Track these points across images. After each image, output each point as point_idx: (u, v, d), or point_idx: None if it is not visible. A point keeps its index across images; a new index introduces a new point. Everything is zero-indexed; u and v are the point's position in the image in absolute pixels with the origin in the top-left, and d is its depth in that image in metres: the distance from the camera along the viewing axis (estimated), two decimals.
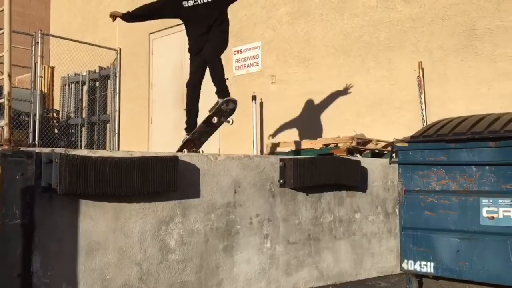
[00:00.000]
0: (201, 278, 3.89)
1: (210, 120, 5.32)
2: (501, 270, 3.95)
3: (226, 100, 5.17)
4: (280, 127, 7.82)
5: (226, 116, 5.31)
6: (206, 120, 5.35)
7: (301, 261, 4.59)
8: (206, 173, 4.01)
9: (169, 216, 3.77)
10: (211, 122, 5.33)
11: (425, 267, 4.36)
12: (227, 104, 5.19)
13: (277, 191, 4.48)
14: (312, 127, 7.37)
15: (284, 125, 7.74)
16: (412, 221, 4.49)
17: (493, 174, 4.07)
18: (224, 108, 5.17)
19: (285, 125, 7.74)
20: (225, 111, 5.26)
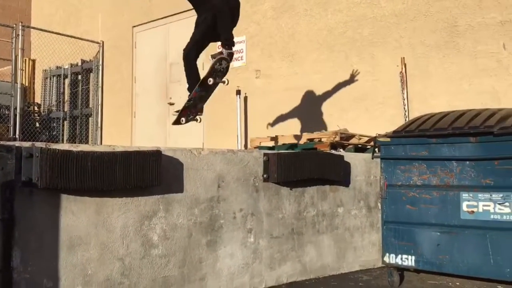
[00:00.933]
0: (184, 273, 3.89)
1: (205, 81, 5.18)
2: (480, 263, 4.02)
3: (219, 59, 5.10)
4: (264, 122, 7.82)
5: (220, 76, 5.23)
6: (201, 83, 5.25)
7: (285, 255, 4.62)
8: (189, 168, 4.00)
9: (152, 211, 3.75)
10: (207, 84, 5.19)
11: (407, 261, 4.42)
12: (220, 63, 5.10)
13: (261, 185, 4.49)
14: (296, 121, 7.40)
15: (268, 120, 7.74)
16: (394, 215, 4.54)
17: (473, 169, 4.14)
18: (218, 67, 5.08)
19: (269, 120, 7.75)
20: (219, 71, 5.16)
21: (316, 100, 7.39)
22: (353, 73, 6.94)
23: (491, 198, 4.01)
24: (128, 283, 3.56)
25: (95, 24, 10.84)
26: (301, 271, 4.72)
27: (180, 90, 9.12)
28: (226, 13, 5.11)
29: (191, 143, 5.94)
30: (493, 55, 5.90)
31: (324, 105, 7.29)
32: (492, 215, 4.00)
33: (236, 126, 7.61)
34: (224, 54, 5.16)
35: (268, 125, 7.63)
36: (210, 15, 5.17)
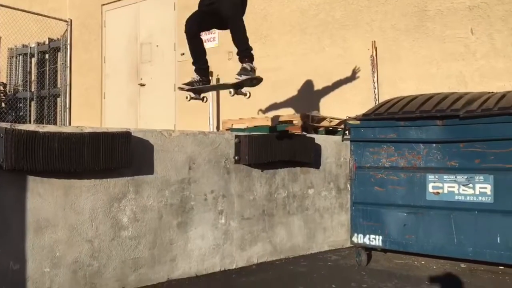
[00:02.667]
0: (155, 254, 3.89)
1: (225, 88, 4.60)
2: (444, 243, 4.16)
3: (251, 79, 4.21)
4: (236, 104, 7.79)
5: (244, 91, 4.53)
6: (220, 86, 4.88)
7: (255, 236, 4.67)
8: (160, 149, 3.97)
9: (122, 193, 3.71)
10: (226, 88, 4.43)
11: (374, 241, 4.54)
12: (251, 81, 4.26)
13: (232, 167, 4.49)
14: (268, 104, 7.40)
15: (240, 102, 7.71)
16: (362, 196, 4.63)
17: (439, 151, 4.24)
18: (247, 85, 4.25)
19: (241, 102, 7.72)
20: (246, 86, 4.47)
21: (288, 83, 7.40)
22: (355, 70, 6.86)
23: (456, 180, 4.13)
24: (98, 265, 3.54)
25: (62, 1, 10.51)
26: (271, 252, 4.78)
27: (152, 71, 9.00)
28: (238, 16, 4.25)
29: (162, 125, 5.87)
30: (460, 40, 6.01)
31: (296, 88, 7.31)
32: (456, 196, 4.12)
33: (208, 108, 7.57)
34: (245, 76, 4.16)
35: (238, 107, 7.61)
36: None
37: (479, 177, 4.00)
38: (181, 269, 4.05)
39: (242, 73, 4.03)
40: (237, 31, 4.21)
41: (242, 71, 4.06)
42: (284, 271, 4.39)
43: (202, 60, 4.42)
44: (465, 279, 4.06)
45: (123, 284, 3.67)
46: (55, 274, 3.34)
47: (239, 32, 4.20)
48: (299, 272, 4.34)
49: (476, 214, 4.01)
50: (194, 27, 4.35)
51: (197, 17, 4.36)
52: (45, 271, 3.30)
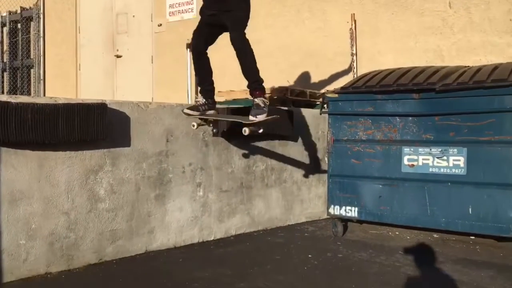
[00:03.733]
0: (133, 226, 3.88)
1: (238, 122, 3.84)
2: (418, 214, 4.25)
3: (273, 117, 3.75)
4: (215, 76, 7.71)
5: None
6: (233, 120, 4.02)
7: (233, 208, 4.70)
8: (137, 122, 3.92)
9: (98, 165, 3.68)
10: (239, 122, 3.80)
11: (350, 212, 4.61)
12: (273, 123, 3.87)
13: (210, 140, 4.48)
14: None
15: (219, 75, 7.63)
16: (339, 169, 4.69)
17: (415, 124, 4.30)
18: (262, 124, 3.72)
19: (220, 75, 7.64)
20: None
21: (267, 55, 7.33)
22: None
23: (431, 152, 4.20)
24: (74, 237, 3.53)
25: None
26: (249, 223, 4.83)
27: (128, 42, 8.81)
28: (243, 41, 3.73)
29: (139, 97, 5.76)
30: (439, 14, 6.03)
31: (275, 61, 7.26)
32: (430, 168, 4.20)
33: (186, 81, 7.47)
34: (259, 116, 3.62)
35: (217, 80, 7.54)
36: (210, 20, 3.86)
37: (453, 149, 4.08)
38: (159, 241, 4.07)
39: (258, 112, 3.55)
40: (245, 57, 3.73)
41: (256, 109, 3.58)
42: (262, 242, 4.44)
43: (209, 81, 3.98)
44: (437, 248, 4.18)
45: (100, 256, 3.67)
46: (31, 246, 3.31)
47: (247, 59, 3.73)
48: (276, 243, 4.41)
49: (449, 186, 4.10)
50: (201, 45, 3.88)
51: (203, 33, 3.87)
52: (21, 243, 3.27)
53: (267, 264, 3.73)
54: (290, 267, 3.68)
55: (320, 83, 6.57)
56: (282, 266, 3.70)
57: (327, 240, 4.51)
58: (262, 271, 3.57)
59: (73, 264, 3.52)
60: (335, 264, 3.78)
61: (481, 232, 4.02)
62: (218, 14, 3.76)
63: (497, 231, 3.89)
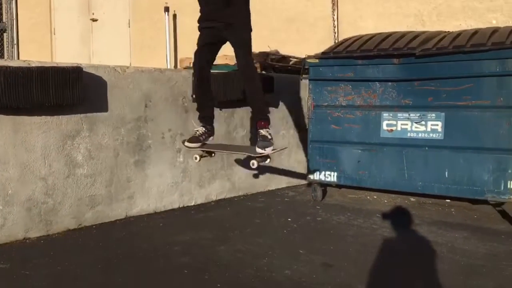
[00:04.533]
0: (112, 192, 3.86)
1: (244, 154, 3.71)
2: (395, 178, 4.32)
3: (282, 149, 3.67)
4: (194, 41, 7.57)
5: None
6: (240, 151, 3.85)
7: (214, 174, 4.70)
8: (114, 86, 3.85)
9: (75, 130, 3.61)
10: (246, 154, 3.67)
11: (329, 177, 4.67)
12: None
13: (190, 106, 4.43)
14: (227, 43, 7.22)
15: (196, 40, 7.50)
16: (319, 135, 4.71)
17: (394, 90, 4.31)
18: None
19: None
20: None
21: None
22: None
23: (409, 117, 4.24)
24: (53, 203, 3.50)
25: None
26: (230, 189, 4.85)
27: (105, 5, 8.54)
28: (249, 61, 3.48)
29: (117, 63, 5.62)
30: None
31: (256, 26, 7.13)
32: (409, 133, 4.25)
33: (165, 46, 7.32)
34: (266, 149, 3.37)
35: None
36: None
37: (431, 114, 4.12)
38: (139, 206, 4.06)
39: (265, 144, 3.33)
40: (252, 84, 3.48)
41: (263, 141, 3.36)
42: (242, 207, 4.48)
43: (210, 106, 3.69)
44: (413, 211, 4.28)
45: (80, 221, 3.66)
46: (8, 211, 3.27)
47: (254, 87, 3.47)
48: (257, 207, 4.45)
49: (427, 150, 4.16)
50: (206, 69, 3.57)
51: (205, 54, 3.54)
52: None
53: (247, 228, 3.77)
54: (270, 230, 3.72)
55: (301, 48, 6.50)
56: (261, 230, 3.75)
57: (306, 204, 4.56)
58: (242, 235, 3.61)
59: (52, 229, 3.50)
60: (314, 227, 3.84)
61: (456, 195, 4.11)
62: (219, 27, 3.40)
63: (472, 194, 3.99)
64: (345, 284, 2.72)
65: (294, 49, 6.47)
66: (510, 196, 3.81)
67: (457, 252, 3.23)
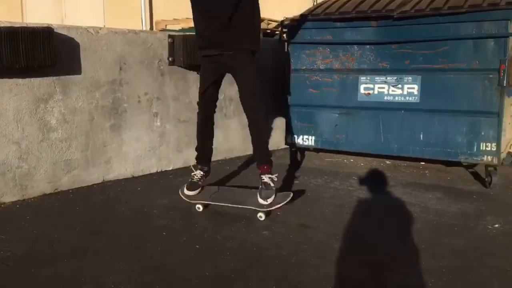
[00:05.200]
0: (88, 156, 3.82)
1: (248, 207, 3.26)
2: (372, 141, 4.38)
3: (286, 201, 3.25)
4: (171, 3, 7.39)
5: None
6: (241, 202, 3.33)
7: (192, 139, 4.64)
8: (87, 48, 3.74)
9: (48, 93, 3.53)
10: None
11: (307, 141, 4.70)
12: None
13: (166, 69, 4.36)
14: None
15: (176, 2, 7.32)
16: (297, 99, 4.70)
17: (372, 53, 4.31)
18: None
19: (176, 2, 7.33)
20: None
21: None
22: None
23: (386, 81, 4.26)
24: (27, 167, 3.44)
25: None
26: None
27: None
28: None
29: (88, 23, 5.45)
30: None
31: None
32: (385, 96, 4.28)
33: (140, 8, 7.14)
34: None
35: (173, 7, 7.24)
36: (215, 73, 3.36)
37: (408, 77, 4.15)
38: (116, 171, 4.03)
39: (268, 194, 3.15)
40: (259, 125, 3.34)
41: (265, 189, 3.18)
42: (221, 171, 4.48)
43: (210, 148, 3.56)
44: (389, 173, 4.35)
45: (56, 185, 3.62)
46: None
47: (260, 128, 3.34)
48: (235, 171, 4.46)
49: (403, 114, 4.21)
50: (212, 109, 3.45)
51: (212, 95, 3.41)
52: None
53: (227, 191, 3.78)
54: (248, 192, 3.74)
55: (280, 11, 6.41)
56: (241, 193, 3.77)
57: (284, 168, 4.59)
58: None
59: (28, 194, 3.46)
60: (291, 190, 3.87)
61: (431, 157, 4.19)
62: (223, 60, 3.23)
63: (446, 156, 4.08)
64: (321, 243, 2.78)
65: (273, 13, 6.37)
66: (482, 158, 3.90)
67: (430, 212, 3.32)
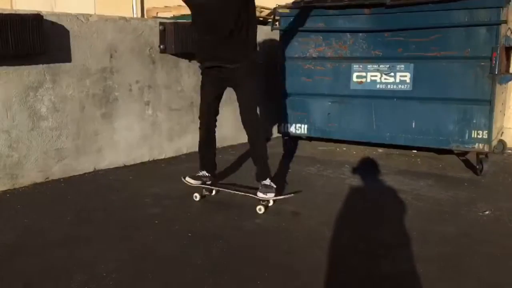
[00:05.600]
0: (79, 145, 3.79)
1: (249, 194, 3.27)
2: (364, 129, 4.38)
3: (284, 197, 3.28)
4: None
5: None
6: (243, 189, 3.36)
7: (184, 128, 4.66)
8: (77, 36, 3.70)
9: (37, 82, 3.49)
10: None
11: (300, 129, 4.69)
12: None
13: (158, 57, 4.32)
14: None
15: None
16: (290, 87, 4.69)
17: (365, 41, 4.29)
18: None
19: None
20: None
21: None
22: None
23: (379, 69, 4.25)
24: (17, 156, 3.41)
25: None
26: None
27: None
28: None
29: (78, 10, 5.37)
30: None
31: None
32: (378, 84, 4.27)
33: None
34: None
35: None
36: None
37: (400, 65, 4.14)
38: (108, 160, 4.01)
39: (267, 190, 3.16)
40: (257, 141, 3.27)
41: (264, 188, 3.19)
42: None
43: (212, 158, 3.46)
44: (381, 162, 4.36)
45: (47, 174, 3.60)
46: None
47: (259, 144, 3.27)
48: (227, 160, 4.44)
49: (395, 102, 4.21)
50: (213, 123, 3.39)
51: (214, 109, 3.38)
52: None
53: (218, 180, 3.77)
54: (241, 181, 3.74)
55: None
56: (234, 181, 3.76)
57: (277, 157, 4.58)
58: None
59: (18, 183, 3.43)
60: (284, 179, 3.88)
61: (423, 145, 4.20)
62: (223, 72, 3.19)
63: (438, 144, 4.09)
64: (313, 230, 2.79)
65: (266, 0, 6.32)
66: (474, 145, 3.92)
67: (422, 199, 3.34)
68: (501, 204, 3.23)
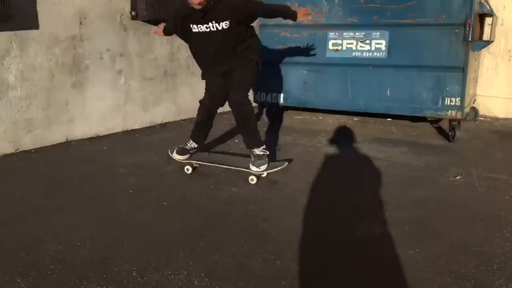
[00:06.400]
0: (50, 115, 3.69)
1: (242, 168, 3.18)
2: (340, 98, 4.39)
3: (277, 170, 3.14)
4: None
5: None
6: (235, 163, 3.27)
7: (158, 97, 4.58)
8: (44, 1, 3.55)
9: (4, 50, 3.35)
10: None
11: (276, 98, 4.67)
12: None
13: (129, 24, 4.20)
14: None
15: None
16: (266, 56, 4.60)
17: (341, 8, 4.26)
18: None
19: None
20: None
21: None
22: None
23: (355, 36, 4.23)
24: None
25: None
26: (176, 112, 4.77)
27: None
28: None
29: None
30: None
31: None
32: (354, 52, 4.26)
33: None
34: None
35: None
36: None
37: (376, 33, 4.13)
38: (80, 130, 3.93)
39: (260, 163, 3.07)
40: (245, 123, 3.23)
41: (257, 160, 3.10)
42: (188, 130, 4.36)
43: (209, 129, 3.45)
44: (356, 130, 4.40)
45: (17, 145, 3.50)
46: None
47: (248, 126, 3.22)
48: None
49: (370, 70, 4.21)
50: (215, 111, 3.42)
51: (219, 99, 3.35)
52: None
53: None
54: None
55: None
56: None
57: None
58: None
59: None
60: None
61: (397, 112, 4.24)
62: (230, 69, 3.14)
63: (412, 111, 4.13)
64: (289, 197, 2.81)
65: None
66: (446, 113, 3.97)
67: (396, 166, 3.38)
68: (472, 169, 3.31)
